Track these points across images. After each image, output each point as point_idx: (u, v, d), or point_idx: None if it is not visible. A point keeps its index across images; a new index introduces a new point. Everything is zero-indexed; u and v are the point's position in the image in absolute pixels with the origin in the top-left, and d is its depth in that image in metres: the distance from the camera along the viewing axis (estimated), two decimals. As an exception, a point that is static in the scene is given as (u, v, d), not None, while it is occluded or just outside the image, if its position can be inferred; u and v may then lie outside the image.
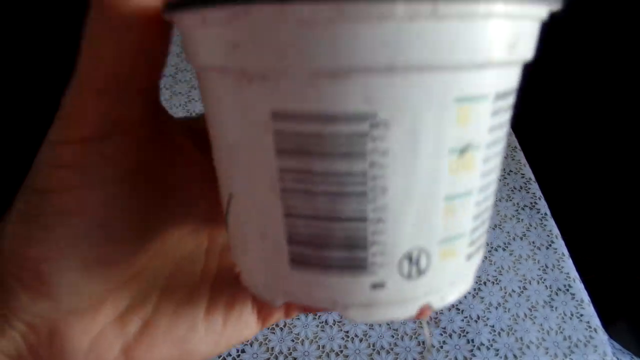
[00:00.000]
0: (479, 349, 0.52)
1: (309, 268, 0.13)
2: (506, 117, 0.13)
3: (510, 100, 0.14)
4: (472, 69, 0.12)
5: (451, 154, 0.12)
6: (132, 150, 0.16)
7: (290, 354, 0.52)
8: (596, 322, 0.55)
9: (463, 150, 0.12)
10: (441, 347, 0.52)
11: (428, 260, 0.13)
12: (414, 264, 0.13)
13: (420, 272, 0.13)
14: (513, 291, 0.57)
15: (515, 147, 0.73)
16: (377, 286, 0.13)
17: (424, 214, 0.12)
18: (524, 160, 0.71)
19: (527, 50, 0.13)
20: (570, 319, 0.55)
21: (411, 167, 0.12)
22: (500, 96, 0.13)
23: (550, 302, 0.56)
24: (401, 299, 0.13)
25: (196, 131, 0.18)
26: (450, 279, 0.13)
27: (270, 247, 0.13)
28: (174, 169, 0.17)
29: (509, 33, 0.12)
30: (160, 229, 0.17)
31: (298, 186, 0.12)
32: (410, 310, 0.13)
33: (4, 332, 0.15)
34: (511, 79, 0.13)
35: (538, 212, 0.65)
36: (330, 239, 0.12)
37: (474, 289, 0.57)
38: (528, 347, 0.53)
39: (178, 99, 0.78)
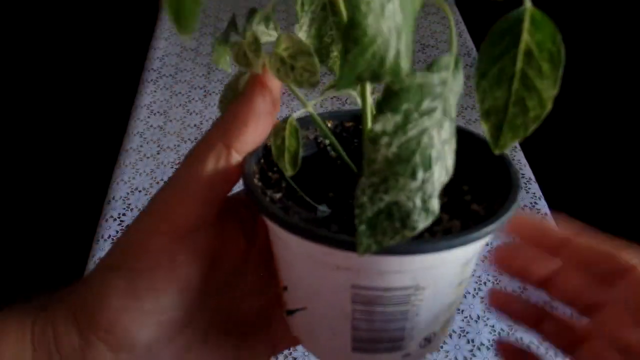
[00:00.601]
0: (479, 349, 0.52)
1: (364, 352, 0.20)
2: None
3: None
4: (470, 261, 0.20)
5: (455, 287, 0.20)
6: (207, 241, 0.21)
7: (290, 354, 0.52)
8: (596, 322, 0.55)
9: (460, 284, 0.20)
10: (441, 347, 0.52)
11: (435, 336, 0.21)
12: (427, 340, 0.21)
13: (429, 342, 0.21)
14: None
15: (515, 147, 0.73)
16: (405, 356, 0.21)
17: (438, 319, 0.20)
18: (524, 161, 0.71)
19: None
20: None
21: (434, 303, 0.19)
22: (480, 251, 0.20)
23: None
24: (417, 357, 0.21)
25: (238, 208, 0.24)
26: (443, 340, 0.23)
27: (338, 341, 0.20)
28: (228, 253, 0.23)
29: (485, 242, 0.19)
30: (218, 298, 0.23)
31: (363, 317, 0.19)
32: None
33: None
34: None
35: (538, 212, 0.65)
36: (381, 339, 0.20)
37: (474, 289, 0.57)
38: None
39: (178, 99, 0.78)
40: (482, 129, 0.17)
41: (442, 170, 0.15)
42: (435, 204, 0.15)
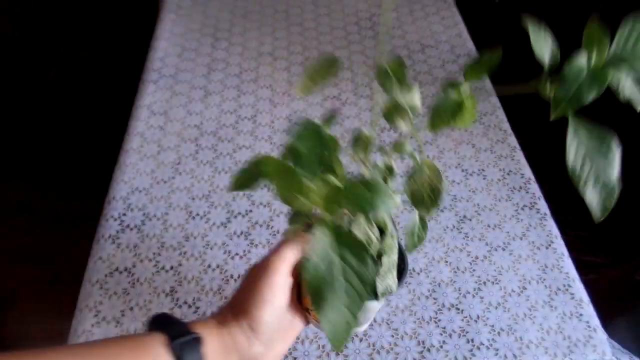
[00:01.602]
0: (478, 348, 0.52)
1: None
2: None
3: None
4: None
5: (377, 305, 0.42)
6: (288, 277, 0.37)
7: (291, 353, 0.52)
8: (595, 321, 0.55)
9: (378, 305, 0.42)
10: (441, 346, 0.52)
11: (390, 290, 0.40)
12: (386, 293, 0.39)
13: (389, 293, 0.40)
14: (513, 291, 0.57)
15: (515, 147, 0.73)
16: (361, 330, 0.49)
17: (371, 315, 0.43)
18: (523, 161, 0.71)
19: None
20: (570, 318, 0.55)
21: (369, 313, 0.42)
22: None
23: (549, 302, 0.56)
24: (362, 330, 0.51)
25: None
26: (371, 319, 0.45)
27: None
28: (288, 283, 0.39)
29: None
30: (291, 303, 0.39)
31: None
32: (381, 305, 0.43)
33: None
34: None
35: (538, 212, 0.65)
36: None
37: (474, 289, 0.57)
38: (528, 346, 0.53)
39: (178, 99, 0.78)
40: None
41: (395, 271, 0.39)
42: (394, 284, 0.39)
